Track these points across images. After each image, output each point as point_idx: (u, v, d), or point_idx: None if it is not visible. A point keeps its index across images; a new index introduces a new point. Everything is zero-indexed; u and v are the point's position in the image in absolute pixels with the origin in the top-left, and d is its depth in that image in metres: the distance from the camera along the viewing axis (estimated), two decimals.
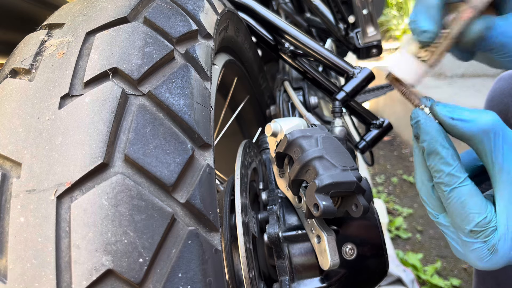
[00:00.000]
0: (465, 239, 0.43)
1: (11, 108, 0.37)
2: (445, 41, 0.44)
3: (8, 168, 0.34)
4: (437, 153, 0.43)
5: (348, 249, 0.53)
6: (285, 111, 0.97)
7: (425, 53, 0.45)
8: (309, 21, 1.35)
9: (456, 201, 0.42)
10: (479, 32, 0.43)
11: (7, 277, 0.30)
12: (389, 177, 2.94)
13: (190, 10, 0.51)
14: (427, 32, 0.44)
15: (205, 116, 0.42)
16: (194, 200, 0.36)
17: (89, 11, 0.45)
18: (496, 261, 0.42)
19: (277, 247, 0.53)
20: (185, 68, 0.43)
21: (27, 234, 0.31)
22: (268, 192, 0.60)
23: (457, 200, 0.42)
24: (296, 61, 0.91)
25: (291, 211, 0.57)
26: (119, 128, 0.36)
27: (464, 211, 0.42)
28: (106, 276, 0.30)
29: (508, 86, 0.92)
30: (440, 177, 0.43)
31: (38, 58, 0.41)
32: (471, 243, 0.42)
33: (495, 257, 0.41)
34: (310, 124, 0.56)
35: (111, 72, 0.39)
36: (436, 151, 0.43)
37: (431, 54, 0.45)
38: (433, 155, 0.43)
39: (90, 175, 0.33)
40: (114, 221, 0.32)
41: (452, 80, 3.59)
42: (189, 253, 0.33)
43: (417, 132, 0.44)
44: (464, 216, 0.42)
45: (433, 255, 2.11)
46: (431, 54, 0.45)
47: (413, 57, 0.46)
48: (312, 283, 0.53)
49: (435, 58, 0.45)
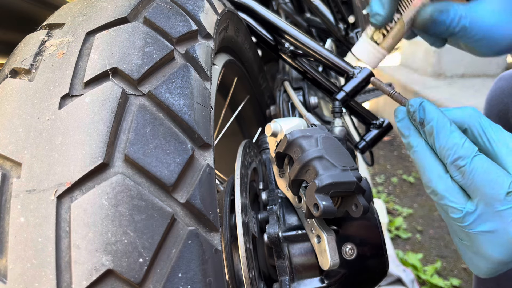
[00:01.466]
0: (502, 208, 0.40)
1: (11, 108, 0.37)
2: (397, 26, 0.47)
3: (8, 168, 0.34)
4: (448, 127, 0.42)
5: (348, 249, 0.53)
6: (285, 111, 0.96)
7: (379, 36, 0.48)
8: (309, 21, 1.35)
9: (480, 170, 0.40)
10: (428, 15, 0.44)
11: (7, 277, 0.30)
12: (389, 177, 2.94)
13: (190, 10, 0.51)
14: (378, 15, 0.46)
15: (205, 116, 0.42)
16: (194, 200, 0.36)
17: (89, 11, 0.45)
18: None
19: (277, 247, 0.53)
20: (185, 68, 0.43)
21: (27, 234, 0.31)
22: (268, 192, 0.60)
23: (480, 168, 0.40)
24: (296, 61, 0.91)
25: (291, 211, 0.57)
26: (119, 128, 0.36)
27: (492, 176, 0.40)
28: (106, 276, 0.30)
29: (508, 86, 0.92)
30: (456, 152, 0.41)
31: (38, 58, 0.41)
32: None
33: None
34: (310, 124, 0.56)
35: (111, 72, 0.39)
36: (447, 125, 0.42)
37: (384, 37, 0.48)
38: (443, 132, 0.42)
39: (90, 175, 0.33)
40: (114, 221, 0.32)
41: (452, 80, 3.59)
42: (189, 253, 0.33)
43: (421, 116, 0.43)
44: (493, 182, 0.40)
45: (433, 255, 2.11)
46: (384, 37, 0.48)
47: (370, 40, 0.49)
48: (312, 283, 0.53)
49: (389, 42, 0.49)
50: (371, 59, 0.49)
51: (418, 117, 0.44)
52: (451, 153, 0.42)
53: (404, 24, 0.46)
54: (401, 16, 0.46)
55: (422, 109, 0.44)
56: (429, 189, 0.44)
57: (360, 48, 0.50)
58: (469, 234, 0.42)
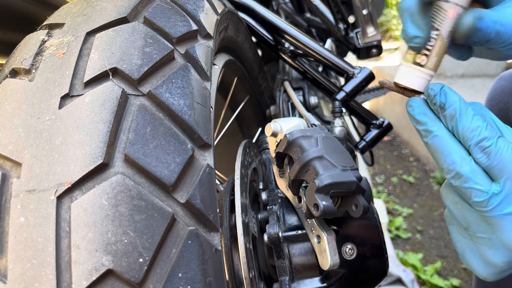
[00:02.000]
0: None
1: (11, 108, 0.37)
2: (438, 42, 0.45)
3: (8, 168, 0.34)
4: (470, 110, 0.42)
5: (348, 249, 0.53)
6: (285, 111, 0.96)
7: (422, 57, 0.46)
8: (309, 21, 1.35)
9: (507, 149, 0.40)
10: (470, 24, 0.43)
11: (7, 277, 0.30)
12: (389, 177, 2.94)
13: (190, 10, 0.51)
14: (417, 38, 0.44)
15: (205, 116, 0.42)
16: (194, 200, 0.36)
17: (89, 11, 0.45)
18: None
19: (277, 247, 0.53)
20: (185, 68, 0.43)
21: (27, 234, 0.31)
22: (268, 192, 0.60)
23: (507, 148, 0.41)
24: (296, 61, 0.91)
25: (291, 211, 0.57)
26: (119, 128, 0.36)
27: None
28: (106, 276, 0.30)
29: (509, 85, 0.92)
30: (480, 133, 0.41)
31: (38, 58, 0.41)
32: None
33: None
34: (310, 124, 0.56)
35: (111, 72, 0.39)
36: (469, 108, 0.42)
37: (427, 57, 0.46)
38: (466, 114, 0.42)
39: (90, 175, 0.33)
40: (114, 221, 0.32)
41: (452, 80, 3.59)
42: (189, 253, 0.33)
43: (442, 99, 0.43)
44: None
45: (433, 255, 2.11)
46: (427, 57, 0.46)
47: (413, 65, 0.47)
48: (312, 283, 0.53)
49: (434, 61, 0.46)
50: (420, 83, 0.47)
51: (438, 100, 0.44)
52: (476, 135, 0.41)
53: (444, 38, 0.45)
54: (439, 31, 0.45)
55: (444, 93, 0.44)
56: (452, 173, 0.43)
57: (405, 76, 0.47)
58: (491, 220, 0.42)
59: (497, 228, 0.42)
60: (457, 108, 0.42)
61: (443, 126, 0.44)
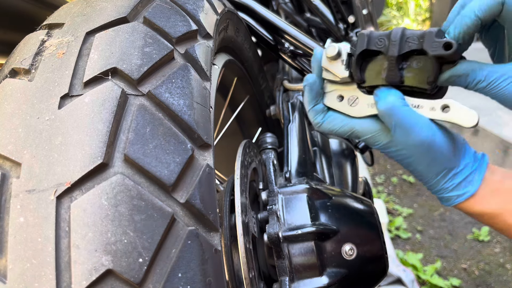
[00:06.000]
0: None
1: (11, 108, 0.37)
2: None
3: (8, 168, 0.34)
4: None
5: (348, 249, 0.53)
6: (285, 111, 0.96)
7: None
8: (309, 21, 1.35)
9: None
10: (448, 77, 0.47)
11: (7, 277, 0.30)
12: (389, 177, 2.94)
13: (190, 10, 0.51)
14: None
15: (205, 116, 0.42)
16: (194, 200, 0.36)
17: (89, 11, 0.45)
18: None
19: (277, 247, 0.53)
20: (184, 68, 0.43)
21: (27, 234, 0.31)
22: (268, 192, 0.60)
23: None
24: (296, 61, 0.91)
25: (291, 210, 0.57)
26: (119, 128, 0.36)
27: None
28: (106, 276, 0.30)
29: None
30: None
31: (38, 58, 0.41)
32: None
33: None
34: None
35: (111, 72, 0.39)
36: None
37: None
38: None
39: (89, 175, 0.33)
40: (114, 221, 0.32)
41: None
42: (189, 253, 0.33)
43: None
44: None
45: (433, 255, 2.11)
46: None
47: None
48: (312, 283, 0.53)
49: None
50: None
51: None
52: None
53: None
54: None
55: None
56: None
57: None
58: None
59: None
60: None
61: None
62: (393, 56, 0.48)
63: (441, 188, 0.50)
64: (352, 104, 0.53)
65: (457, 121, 0.47)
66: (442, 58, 0.45)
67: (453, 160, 0.49)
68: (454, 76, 0.47)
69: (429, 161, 0.49)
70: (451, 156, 0.48)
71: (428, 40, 0.45)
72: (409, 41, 0.47)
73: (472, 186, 0.49)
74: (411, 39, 0.47)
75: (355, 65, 0.51)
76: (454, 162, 0.49)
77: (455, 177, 0.49)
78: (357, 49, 0.51)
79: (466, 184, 0.49)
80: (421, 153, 0.48)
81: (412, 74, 0.49)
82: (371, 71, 0.51)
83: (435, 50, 0.45)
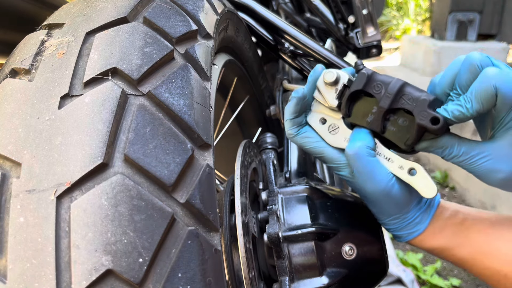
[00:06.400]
0: None
1: (11, 108, 0.37)
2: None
3: (8, 168, 0.34)
4: None
5: (348, 249, 0.53)
6: None
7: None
8: (309, 21, 1.35)
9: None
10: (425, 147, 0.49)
11: (7, 277, 0.30)
12: None
13: (190, 10, 0.51)
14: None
15: (205, 116, 0.42)
16: (194, 200, 0.36)
17: (89, 11, 0.45)
18: None
19: (277, 247, 0.53)
20: (185, 68, 0.43)
21: (27, 234, 0.31)
22: (268, 192, 0.60)
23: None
24: (296, 61, 0.91)
25: (291, 210, 0.57)
26: (119, 128, 0.36)
27: None
28: (105, 276, 0.30)
29: None
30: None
31: (38, 58, 0.41)
32: None
33: None
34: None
35: (111, 72, 0.39)
36: None
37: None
38: None
39: (89, 175, 0.33)
40: (114, 221, 0.32)
41: None
42: (189, 253, 0.33)
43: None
44: None
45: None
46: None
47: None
48: (312, 283, 0.53)
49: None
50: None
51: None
52: None
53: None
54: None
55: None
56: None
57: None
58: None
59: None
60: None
61: None
62: (383, 108, 0.49)
63: (392, 228, 0.54)
64: (332, 132, 0.54)
65: (417, 188, 0.49)
66: (426, 128, 0.46)
67: (405, 209, 0.52)
68: (432, 147, 0.49)
69: (381, 207, 0.52)
70: (403, 206, 0.51)
71: (420, 107, 0.46)
72: (404, 98, 0.48)
73: (421, 225, 0.53)
74: (406, 97, 0.47)
75: (346, 99, 0.52)
76: (405, 210, 0.52)
77: (404, 220, 0.53)
78: (353, 87, 0.51)
79: (414, 225, 0.53)
80: (375, 199, 0.51)
81: (394, 129, 0.50)
82: (359, 110, 0.52)
83: (422, 119, 0.46)
